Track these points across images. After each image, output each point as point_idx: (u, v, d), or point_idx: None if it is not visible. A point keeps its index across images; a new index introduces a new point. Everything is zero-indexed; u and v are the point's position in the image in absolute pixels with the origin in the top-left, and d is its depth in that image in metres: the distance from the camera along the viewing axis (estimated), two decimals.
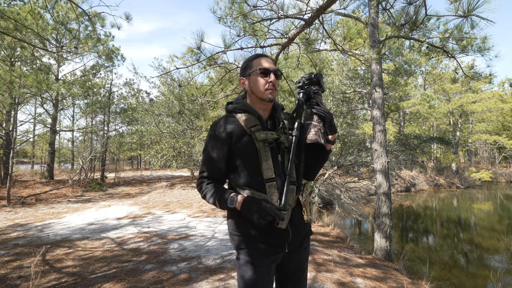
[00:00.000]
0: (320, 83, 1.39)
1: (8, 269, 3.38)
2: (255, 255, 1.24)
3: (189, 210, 7.28)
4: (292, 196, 1.26)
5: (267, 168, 1.23)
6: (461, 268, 6.37)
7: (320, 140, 1.30)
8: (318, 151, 1.38)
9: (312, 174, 1.42)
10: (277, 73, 1.32)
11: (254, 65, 1.33)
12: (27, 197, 9.46)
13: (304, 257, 1.35)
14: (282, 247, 1.25)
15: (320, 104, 1.36)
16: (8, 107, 10.97)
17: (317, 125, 1.33)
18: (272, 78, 1.29)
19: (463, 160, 36.04)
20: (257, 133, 1.26)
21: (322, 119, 1.34)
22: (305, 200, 1.33)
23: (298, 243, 1.31)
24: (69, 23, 12.71)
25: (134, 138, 16.58)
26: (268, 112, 1.36)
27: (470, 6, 2.36)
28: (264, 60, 1.33)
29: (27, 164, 31.52)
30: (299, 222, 1.29)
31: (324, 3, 2.54)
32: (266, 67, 1.30)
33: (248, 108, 1.31)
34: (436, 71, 25.77)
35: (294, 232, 1.26)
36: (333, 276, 3.23)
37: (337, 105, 11.01)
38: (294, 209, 1.28)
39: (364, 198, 12.91)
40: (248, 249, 1.25)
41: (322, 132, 1.33)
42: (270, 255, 1.24)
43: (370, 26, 5.47)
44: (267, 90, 1.29)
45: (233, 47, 3.68)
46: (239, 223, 1.26)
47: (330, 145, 1.37)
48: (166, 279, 3.04)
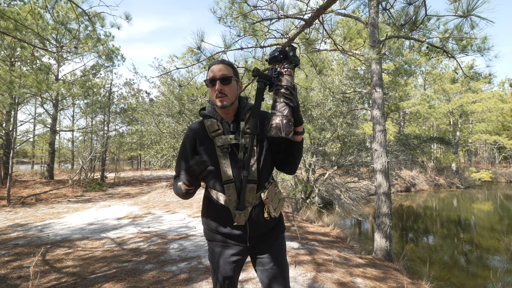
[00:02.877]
0: (287, 57, 1.28)
1: (8, 269, 3.38)
2: (217, 246, 1.40)
3: (189, 210, 7.28)
4: (252, 194, 1.33)
5: (225, 170, 1.33)
6: (461, 268, 6.37)
7: (281, 133, 1.21)
8: (286, 144, 1.36)
9: (288, 168, 1.42)
10: (224, 78, 1.33)
11: (206, 76, 1.39)
12: (27, 197, 9.46)
13: (275, 251, 1.41)
14: (242, 241, 1.37)
15: (288, 88, 1.24)
16: (8, 107, 10.97)
17: (279, 115, 1.23)
18: (217, 87, 1.33)
19: (463, 160, 36.03)
20: (217, 138, 1.35)
21: (287, 106, 1.24)
22: (267, 198, 1.34)
23: (262, 238, 1.39)
24: (69, 23, 12.70)
25: (134, 138, 16.59)
26: (231, 115, 1.41)
27: (469, 6, 2.36)
28: (211, 69, 1.37)
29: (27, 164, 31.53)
30: (259, 219, 1.36)
31: (324, 3, 2.54)
32: (211, 77, 1.35)
33: (212, 114, 1.40)
34: (436, 71, 25.77)
35: (253, 228, 1.35)
36: (333, 276, 3.23)
37: (337, 105, 11.00)
38: (256, 206, 1.35)
39: (364, 198, 12.93)
40: (212, 241, 1.42)
41: (285, 122, 1.22)
42: (230, 247, 1.38)
43: (370, 26, 5.47)
44: (217, 98, 1.34)
45: (233, 47, 3.68)
46: (206, 220, 1.43)
47: (299, 137, 1.31)
48: (166, 279, 3.04)
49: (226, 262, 1.38)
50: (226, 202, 1.33)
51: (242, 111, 1.40)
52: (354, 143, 11.54)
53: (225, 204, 1.34)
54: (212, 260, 1.42)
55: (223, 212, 1.35)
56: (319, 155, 11.45)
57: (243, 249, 1.39)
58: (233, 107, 1.39)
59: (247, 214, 1.33)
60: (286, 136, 1.22)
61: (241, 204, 1.29)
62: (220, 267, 1.38)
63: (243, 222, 1.32)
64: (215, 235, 1.41)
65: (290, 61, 1.29)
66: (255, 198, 1.34)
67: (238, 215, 1.31)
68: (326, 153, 11.76)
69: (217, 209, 1.37)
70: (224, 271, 1.37)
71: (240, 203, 1.30)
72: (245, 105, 1.43)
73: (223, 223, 1.36)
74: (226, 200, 1.33)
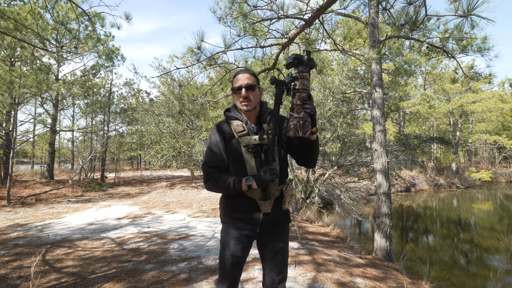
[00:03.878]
0: (302, 62, 1.43)
1: (8, 269, 3.38)
2: (231, 228, 1.59)
3: (189, 210, 7.28)
4: (275, 187, 1.54)
5: (251, 167, 1.52)
6: (461, 268, 6.37)
7: (298, 133, 1.37)
8: (303, 142, 1.54)
9: (308, 163, 1.61)
10: (249, 86, 1.53)
11: (233, 84, 1.59)
12: (27, 197, 9.46)
13: (279, 240, 1.61)
14: (254, 228, 1.55)
15: (305, 91, 1.39)
16: (8, 107, 10.97)
17: (297, 117, 1.39)
18: (243, 93, 1.52)
19: (463, 160, 36.02)
20: (242, 138, 1.54)
21: (303, 109, 1.39)
22: (286, 192, 1.56)
23: (272, 226, 1.58)
24: (69, 23, 12.70)
25: (134, 138, 16.59)
26: (254, 118, 1.60)
27: (470, 6, 2.36)
28: (237, 78, 1.57)
29: (27, 164, 31.53)
30: (277, 209, 1.57)
31: (324, 3, 2.54)
32: (238, 85, 1.54)
33: (237, 116, 1.59)
34: (436, 71, 25.76)
35: (266, 217, 1.55)
36: (333, 276, 3.23)
37: (337, 105, 11.00)
38: (277, 198, 1.57)
39: (364, 198, 12.93)
40: (226, 223, 1.61)
41: (302, 123, 1.37)
42: (242, 231, 1.57)
43: (370, 26, 5.47)
44: (242, 103, 1.54)
45: (233, 47, 3.68)
46: (225, 207, 1.62)
47: (314, 136, 1.50)
48: (166, 279, 3.04)
49: (236, 243, 1.56)
50: (252, 194, 1.52)
51: (264, 114, 1.60)
52: (354, 143, 11.53)
53: (249, 195, 1.52)
54: (224, 240, 1.60)
55: (246, 202, 1.53)
56: (319, 155, 11.44)
57: (253, 234, 1.58)
58: (255, 111, 1.59)
59: (271, 203, 1.54)
60: (303, 136, 1.38)
61: (268, 195, 1.50)
62: (230, 246, 1.56)
63: (269, 210, 1.53)
64: (232, 220, 1.58)
65: (305, 65, 1.42)
66: (277, 190, 1.55)
67: (264, 205, 1.52)
68: (326, 153, 11.75)
69: (240, 199, 1.54)
70: (233, 249, 1.55)
71: (266, 194, 1.50)
72: (265, 109, 1.62)
73: (243, 211, 1.55)
74: (252, 192, 1.51)
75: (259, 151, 1.53)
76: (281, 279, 1.60)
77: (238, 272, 1.59)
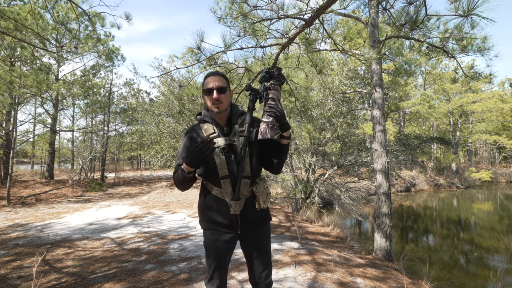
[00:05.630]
0: (273, 77, 1.56)
1: (8, 269, 3.38)
2: (212, 234, 1.61)
3: (189, 210, 7.28)
4: (246, 188, 1.56)
5: (221, 167, 1.54)
6: (461, 268, 6.37)
7: (267, 134, 1.45)
8: (273, 146, 1.58)
9: (274, 168, 1.63)
10: (220, 88, 1.55)
11: (203, 86, 1.60)
12: (27, 197, 9.46)
13: (261, 239, 1.64)
14: (234, 229, 1.57)
15: (274, 100, 1.51)
16: (8, 107, 10.96)
17: (266, 121, 1.48)
18: (214, 95, 1.54)
19: (463, 160, 36.02)
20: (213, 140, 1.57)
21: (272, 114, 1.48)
22: (258, 191, 1.59)
23: (251, 226, 1.61)
24: (69, 23, 12.69)
25: (134, 138, 16.59)
26: (225, 120, 1.63)
27: (470, 6, 2.36)
28: (208, 80, 1.58)
29: (27, 164, 31.52)
30: (250, 210, 1.58)
31: (324, 3, 2.54)
32: (209, 87, 1.56)
33: (208, 119, 1.63)
34: (436, 71, 25.74)
35: (244, 217, 1.57)
36: (333, 276, 3.23)
37: (337, 105, 11.00)
38: (248, 199, 1.58)
39: (364, 198, 12.93)
40: (208, 229, 1.62)
41: (271, 126, 1.46)
42: (223, 234, 1.59)
43: (370, 26, 5.46)
44: (213, 105, 1.55)
45: (233, 47, 3.68)
46: (202, 211, 1.64)
47: (285, 141, 1.54)
48: (166, 279, 3.04)
49: (219, 246, 1.59)
50: (223, 195, 1.55)
51: (234, 116, 1.63)
52: (354, 143, 11.54)
53: (221, 197, 1.55)
54: (207, 245, 1.63)
55: (219, 204, 1.56)
56: (319, 155, 11.45)
57: (234, 235, 1.60)
58: (226, 113, 1.61)
59: (242, 204, 1.55)
60: (271, 138, 1.45)
61: (236, 195, 1.49)
62: (214, 251, 1.59)
63: (238, 211, 1.54)
64: (210, 224, 1.60)
65: (275, 79, 1.56)
66: (248, 191, 1.57)
67: (234, 205, 1.53)
68: (326, 153, 11.75)
69: (213, 201, 1.58)
70: (217, 253, 1.59)
71: (235, 194, 1.49)
72: (236, 111, 1.66)
73: (218, 213, 1.57)
74: (223, 193, 1.54)
75: (229, 152, 1.56)
76: (267, 275, 1.66)
77: (225, 270, 1.65)
